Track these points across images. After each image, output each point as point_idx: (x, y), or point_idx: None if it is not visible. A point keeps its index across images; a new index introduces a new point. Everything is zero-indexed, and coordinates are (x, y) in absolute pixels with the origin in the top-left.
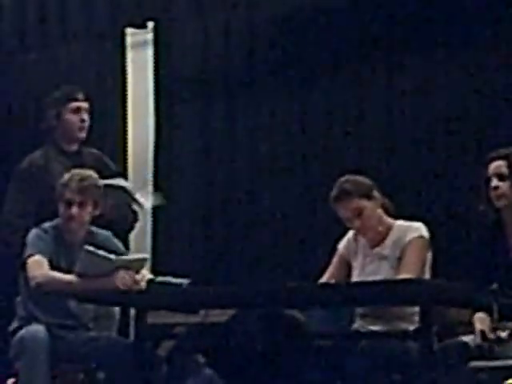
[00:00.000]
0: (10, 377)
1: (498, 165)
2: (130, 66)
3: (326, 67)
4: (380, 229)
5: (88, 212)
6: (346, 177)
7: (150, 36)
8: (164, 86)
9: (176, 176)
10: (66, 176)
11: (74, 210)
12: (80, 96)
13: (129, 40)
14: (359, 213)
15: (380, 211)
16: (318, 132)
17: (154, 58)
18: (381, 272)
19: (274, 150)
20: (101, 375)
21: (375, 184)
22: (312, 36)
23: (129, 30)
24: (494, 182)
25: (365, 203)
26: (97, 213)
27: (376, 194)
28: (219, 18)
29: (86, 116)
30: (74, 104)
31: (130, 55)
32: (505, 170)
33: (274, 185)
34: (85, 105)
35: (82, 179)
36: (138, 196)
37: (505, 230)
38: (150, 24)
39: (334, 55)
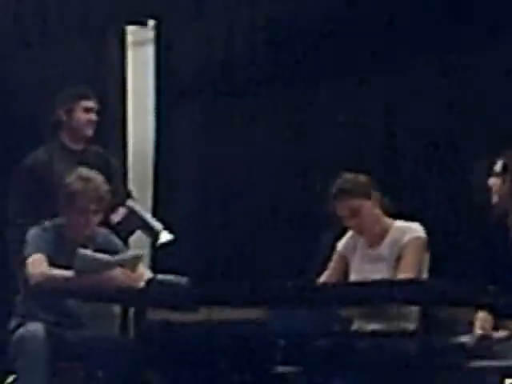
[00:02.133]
0: (7, 375)
1: (496, 164)
2: (131, 65)
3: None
4: (377, 229)
5: (99, 219)
6: (346, 175)
7: (151, 34)
8: (165, 85)
9: (176, 175)
10: (79, 183)
11: (91, 220)
12: (92, 96)
13: (129, 38)
14: (357, 212)
15: (378, 211)
16: (315, 132)
17: (155, 57)
18: (378, 272)
19: (271, 149)
20: (100, 374)
21: (375, 183)
22: (310, 43)
23: (129, 28)
24: (490, 181)
25: (363, 203)
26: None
27: (375, 193)
28: (221, 17)
29: (94, 117)
30: (86, 103)
31: (130, 53)
32: (500, 169)
33: (273, 183)
34: (94, 105)
35: (97, 188)
36: (147, 217)
37: (508, 229)
38: (151, 22)
39: (328, 65)
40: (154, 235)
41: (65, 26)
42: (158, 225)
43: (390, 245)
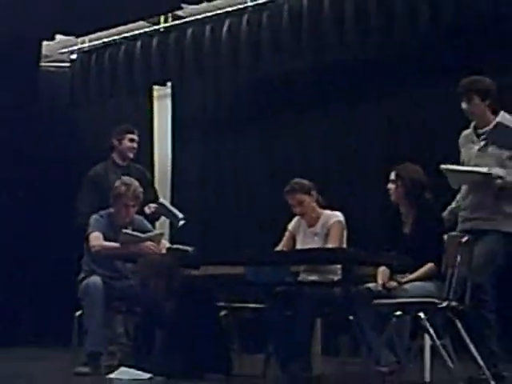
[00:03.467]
0: (77, 310)
1: (391, 174)
2: (156, 112)
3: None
4: (314, 215)
5: (136, 210)
6: (296, 180)
7: (169, 91)
8: (178, 126)
9: (185, 184)
10: (123, 187)
11: (130, 211)
12: (134, 132)
13: (155, 94)
14: (301, 203)
15: (314, 204)
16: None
17: (172, 107)
18: (315, 243)
19: (252, 166)
20: (137, 309)
21: (314, 185)
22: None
23: (155, 87)
24: (388, 185)
25: (305, 197)
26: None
27: (313, 192)
28: (217, 78)
29: (135, 145)
30: (130, 136)
31: (155, 104)
32: (393, 178)
33: (253, 188)
34: (136, 137)
35: (135, 190)
36: (173, 209)
37: (401, 216)
38: (169, 83)
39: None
40: (177, 220)
41: (113, 87)
42: (179, 214)
43: (322, 226)
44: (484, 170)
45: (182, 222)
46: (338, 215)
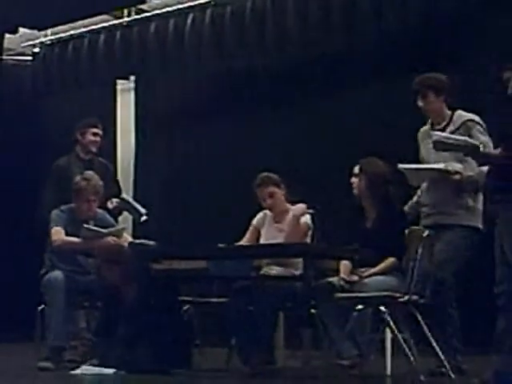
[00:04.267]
0: (39, 305)
1: (355, 167)
2: (119, 106)
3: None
4: (282, 208)
5: (97, 204)
6: (265, 173)
7: (132, 85)
8: (141, 120)
9: (147, 177)
10: (84, 182)
11: (92, 205)
12: (98, 125)
13: (118, 87)
14: (271, 196)
15: (283, 198)
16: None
17: (135, 101)
18: (279, 239)
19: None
20: (99, 304)
21: (283, 180)
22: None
23: (118, 81)
24: (351, 179)
25: (275, 189)
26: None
27: (282, 186)
28: (181, 72)
29: (98, 139)
30: (94, 130)
31: (119, 98)
32: (357, 171)
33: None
34: (99, 131)
35: (95, 185)
36: (136, 205)
37: (364, 211)
38: (133, 77)
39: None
40: (139, 216)
41: (80, 80)
42: (142, 209)
43: (289, 222)
44: (441, 166)
45: (144, 218)
46: (304, 209)
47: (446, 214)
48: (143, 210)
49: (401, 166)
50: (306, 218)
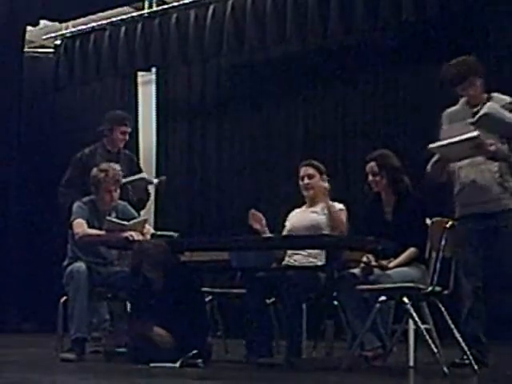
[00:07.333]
0: (62, 296)
1: (371, 165)
2: (140, 98)
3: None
4: (319, 194)
5: (118, 195)
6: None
7: (153, 77)
8: (162, 112)
9: (169, 167)
10: (102, 173)
11: (113, 195)
12: (128, 123)
13: (139, 79)
14: (310, 177)
15: (321, 186)
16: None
17: (156, 93)
18: (310, 219)
19: (235, 152)
20: (121, 294)
21: (327, 172)
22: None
23: (139, 73)
24: (370, 178)
25: (316, 173)
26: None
27: (324, 177)
28: (202, 63)
29: (127, 137)
30: (123, 128)
31: (140, 90)
32: (376, 169)
33: (237, 176)
34: (128, 130)
35: (114, 174)
36: (150, 178)
37: (382, 204)
38: (154, 69)
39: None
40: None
41: (101, 72)
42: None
43: (322, 208)
44: (474, 134)
45: (159, 179)
46: (342, 208)
47: (494, 200)
48: (154, 180)
49: (431, 145)
50: (345, 212)
